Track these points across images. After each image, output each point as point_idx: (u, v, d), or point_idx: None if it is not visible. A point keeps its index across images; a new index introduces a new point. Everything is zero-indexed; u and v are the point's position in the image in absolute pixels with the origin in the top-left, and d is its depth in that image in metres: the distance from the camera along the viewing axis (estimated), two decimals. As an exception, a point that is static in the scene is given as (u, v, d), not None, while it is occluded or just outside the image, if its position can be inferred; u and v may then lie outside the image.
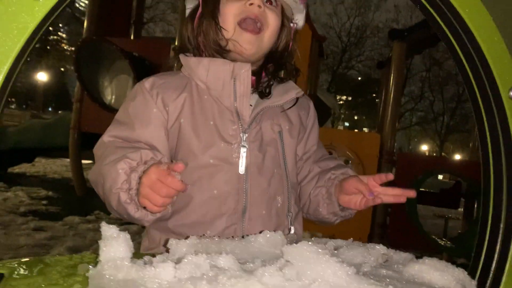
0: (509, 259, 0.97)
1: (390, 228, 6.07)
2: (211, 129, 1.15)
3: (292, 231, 1.21)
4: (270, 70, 1.25)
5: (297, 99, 1.30)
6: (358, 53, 27.22)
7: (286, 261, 0.72)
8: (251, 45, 1.17)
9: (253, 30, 1.17)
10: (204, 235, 0.95)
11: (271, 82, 1.24)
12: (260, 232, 0.88)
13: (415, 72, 25.87)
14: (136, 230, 3.67)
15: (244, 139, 1.15)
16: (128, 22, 8.39)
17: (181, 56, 1.23)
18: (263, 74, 1.24)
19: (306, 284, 0.64)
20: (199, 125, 1.15)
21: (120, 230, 0.73)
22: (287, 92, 1.24)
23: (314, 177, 1.29)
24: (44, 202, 6.60)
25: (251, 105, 1.20)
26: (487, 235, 1.02)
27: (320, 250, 0.72)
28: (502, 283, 0.95)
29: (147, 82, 1.19)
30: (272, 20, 1.19)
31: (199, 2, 1.23)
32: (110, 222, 0.73)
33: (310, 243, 0.74)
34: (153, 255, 0.75)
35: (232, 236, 0.93)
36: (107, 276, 0.66)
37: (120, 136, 1.12)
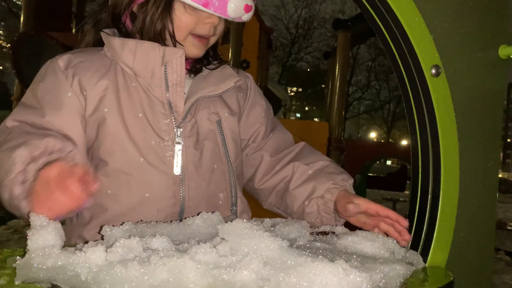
0: (436, 228, 1.04)
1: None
2: (141, 123, 1.00)
3: None
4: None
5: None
6: (307, 44, 27.55)
7: (221, 239, 0.73)
8: (199, 50, 1.07)
9: (204, 40, 1.07)
10: (141, 220, 0.93)
11: (206, 65, 1.14)
12: (198, 214, 0.88)
13: (362, 62, 26.60)
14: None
15: (179, 135, 1.02)
16: (69, 16, 8.05)
17: (104, 35, 1.05)
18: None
19: (239, 259, 0.66)
20: (127, 117, 1.00)
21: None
22: (224, 81, 1.11)
23: (306, 180, 1.13)
24: (-15, 207, 6.26)
25: (185, 93, 1.07)
26: (417, 207, 1.09)
27: (254, 226, 0.73)
28: (431, 249, 1.02)
29: (61, 60, 1.01)
30: (220, 28, 1.08)
31: None
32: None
33: (245, 220, 0.76)
34: (86, 242, 0.74)
35: (171, 221, 0.92)
36: (35, 265, 0.64)
37: (27, 122, 0.95)
